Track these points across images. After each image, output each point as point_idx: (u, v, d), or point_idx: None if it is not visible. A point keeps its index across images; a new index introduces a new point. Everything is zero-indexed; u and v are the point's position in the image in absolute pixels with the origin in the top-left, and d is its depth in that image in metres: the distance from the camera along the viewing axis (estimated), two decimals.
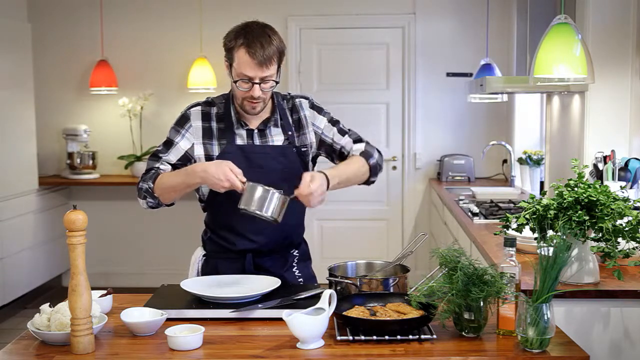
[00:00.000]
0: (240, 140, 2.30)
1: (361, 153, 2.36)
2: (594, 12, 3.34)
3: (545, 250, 1.79)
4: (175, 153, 2.30)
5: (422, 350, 1.73)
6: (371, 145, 2.41)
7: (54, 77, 6.00)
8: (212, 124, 2.32)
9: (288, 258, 2.40)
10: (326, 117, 2.40)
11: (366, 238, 5.88)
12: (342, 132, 2.41)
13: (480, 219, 3.60)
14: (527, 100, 5.30)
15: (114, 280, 5.80)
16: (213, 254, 2.40)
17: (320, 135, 2.38)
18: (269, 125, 2.31)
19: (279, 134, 2.32)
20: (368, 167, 2.36)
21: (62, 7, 5.98)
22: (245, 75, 2.17)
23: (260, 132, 2.31)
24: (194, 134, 2.31)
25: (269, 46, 2.16)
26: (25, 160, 5.40)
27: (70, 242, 1.72)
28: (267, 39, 2.17)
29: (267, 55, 2.15)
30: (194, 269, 2.43)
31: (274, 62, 2.18)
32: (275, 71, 2.20)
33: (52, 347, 1.78)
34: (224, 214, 2.33)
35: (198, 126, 2.31)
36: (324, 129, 2.38)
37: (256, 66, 2.15)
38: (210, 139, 2.31)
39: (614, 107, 3.38)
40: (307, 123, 2.37)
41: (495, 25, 5.61)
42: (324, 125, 2.39)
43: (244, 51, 2.16)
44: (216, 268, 2.36)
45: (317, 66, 5.93)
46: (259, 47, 2.15)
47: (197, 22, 5.84)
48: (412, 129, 5.90)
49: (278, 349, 1.75)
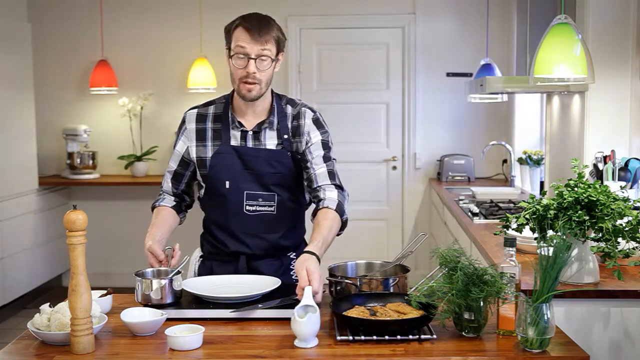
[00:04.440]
0: (234, 141, 2.30)
1: (337, 207, 2.21)
2: (594, 12, 3.34)
3: (545, 250, 1.79)
4: (174, 159, 2.39)
5: (422, 350, 1.73)
6: (341, 190, 2.29)
7: (54, 77, 6.00)
8: (208, 125, 2.33)
9: (284, 261, 2.38)
10: (322, 136, 2.32)
11: (366, 238, 5.88)
12: (326, 158, 2.30)
13: (480, 219, 3.60)
14: (527, 100, 5.30)
15: (114, 280, 5.80)
16: (209, 255, 2.41)
17: (306, 150, 2.30)
18: (263, 127, 2.30)
19: (272, 138, 2.30)
20: (341, 223, 2.23)
21: (62, 7, 5.98)
22: (241, 47, 2.17)
23: (255, 134, 2.29)
24: (188, 137, 2.34)
25: (267, 26, 2.19)
26: (25, 160, 5.40)
27: (70, 242, 1.72)
28: (266, 21, 2.20)
29: (264, 32, 2.17)
30: (191, 269, 2.44)
31: (271, 41, 2.19)
32: (272, 53, 2.20)
33: (52, 347, 1.78)
34: (217, 215, 2.34)
35: (192, 128, 2.34)
36: (312, 145, 2.30)
37: (252, 40, 2.17)
38: (203, 140, 2.32)
39: (614, 107, 3.38)
40: (304, 132, 2.31)
41: (495, 25, 5.61)
42: (315, 141, 2.31)
43: (241, 27, 2.19)
44: (211, 269, 2.37)
45: (317, 66, 5.93)
46: (255, 23, 2.18)
47: (197, 22, 5.84)
48: (412, 129, 5.90)
49: (278, 349, 1.75)
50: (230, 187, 2.28)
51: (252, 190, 2.28)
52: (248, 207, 2.29)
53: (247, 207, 2.29)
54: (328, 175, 2.29)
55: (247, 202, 2.28)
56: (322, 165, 2.30)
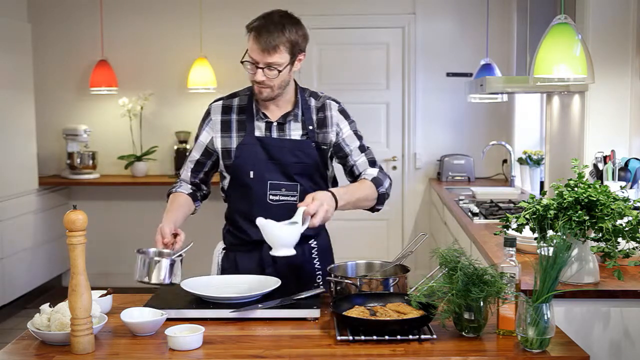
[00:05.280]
0: (259, 132, 2.33)
1: (373, 179, 2.33)
2: (594, 12, 3.34)
3: (545, 250, 1.79)
4: (198, 149, 2.42)
5: (422, 350, 1.73)
6: (384, 173, 2.39)
7: (54, 77, 6.00)
8: (232, 116, 2.37)
9: (305, 248, 2.40)
10: (351, 126, 2.41)
11: (366, 238, 5.87)
12: (362, 148, 2.40)
13: (480, 219, 3.60)
14: (527, 100, 5.30)
15: (114, 280, 5.80)
16: (232, 247, 2.43)
17: (341, 142, 2.38)
18: (288, 119, 2.34)
19: (297, 129, 2.34)
20: (377, 194, 2.34)
21: (62, 7, 5.98)
22: (251, 57, 2.22)
23: (279, 125, 2.33)
24: (213, 128, 2.38)
25: (279, 34, 2.19)
26: (25, 160, 5.40)
27: (70, 242, 1.72)
28: (279, 28, 2.19)
29: (272, 43, 2.18)
30: (215, 262, 2.46)
31: (280, 50, 2.19)
32: (284, 60, 2.21)
33: (52, 347, 1.78)
34: (241, 205, 2.36)
35: (217, 120, 2.38)
36: (346, 137, 2.39)
37: (260, 51, 2.19)
38: (228, 131, 2.36)
39: (614, 107, 3.38)
40: (332, 123, 2.38)
41: (495, 25, 5.61)
42: (348, 133, 2.39)
43: (253, 35, 2.21)
44: (235, 261, 2.40)
45: (317, 66, 5.93)
46: (265, 33, 2.18)
47: (197, 22, 5.83)
48: (412, 129, 5.90)
49: (278, 349, 1.75)
50: (254, 177, 2.31)
51: (276, 180, 2.32)
52: (272, 196, 2.32)
53: (270, 196, 2.32)
54: (368, 163, 2.39)
55: (271, 192, 2.32)
56: (361, 155, 2.39)
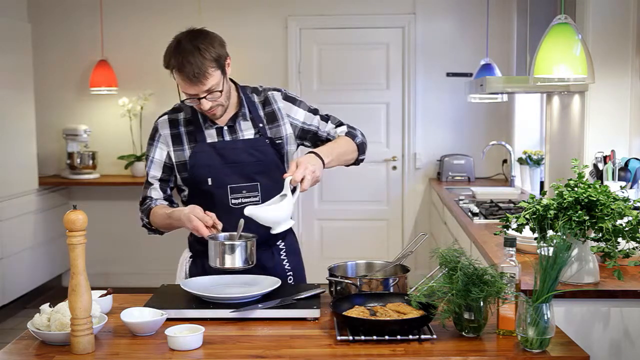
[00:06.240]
0: (211, 139, 2.32)
1: (346, 134, 2.40)
2: (594, 12, 3.34)
3: (545, 250, 1.79)
4: (156, 167, 2.37)
5: (422, 350, 1.73)
6: (353, 127, 2.45)
7: (54, 77, 6.00)
8: (181, 129, 2.35)
9: (273, 251, 2.41)
10: (302, 107, 2.41)
11: (366, 238, 5.87)
12: (324, 118, 2.44)
13: (480, 219, 3.60)
14: (527, 100, 5.30)
15: (114, 280, 5.80)
16: (199, 254, 2.40)
17: (302, 126, 2.40)
18: (237, 120, 2.33)
19: (249, 128, 2.34)
20: (355, 145, 2.40)
21: (62, 7, 5.97)
22: (188, 94, 2.21)
23: (230, 128, 2.33)
24: (165, 142, 2.35)
25: (202, 61, 2.14)
26: (25, 160, 5.40)
27: (70, 242, 1.72)
28: (197, 54, 2.15)
29: (200, 71, 2.14)
30: (182, 270, 2.44)
31: (209, 73, 2.16)
32: (217, 80, 2.18)
33: (52, 347, 1.78)
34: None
35: (167, 133, 2.36)
36: (304, 120, 2.40)
37: (193, 85, 2.17)
38: (180, 144, 2.34)
39: (614, 107, 3.38)
40: (282, 115, 2.37)
41: (495, 25, 5.61)
42: (304, 115, 2.40)
43: (176, 73, 2.19)
44: (203, 267, 2.36)
45: (317, 66, 5.93)
46: (187, 65, 2.14)
47: (197, 22, 5.80)
48: (412, 129, 5.90)
49: (278, 349, 1.75)
50: (212, 183, 2.30)
51: (235, 183, 2.30)
52: (233, 200, 2.31)
53: (232, 200, 2.31)
54: (336, 126, 2.43)
55: (232, 196, 2.31)
56: (326, 124, 2.43)
